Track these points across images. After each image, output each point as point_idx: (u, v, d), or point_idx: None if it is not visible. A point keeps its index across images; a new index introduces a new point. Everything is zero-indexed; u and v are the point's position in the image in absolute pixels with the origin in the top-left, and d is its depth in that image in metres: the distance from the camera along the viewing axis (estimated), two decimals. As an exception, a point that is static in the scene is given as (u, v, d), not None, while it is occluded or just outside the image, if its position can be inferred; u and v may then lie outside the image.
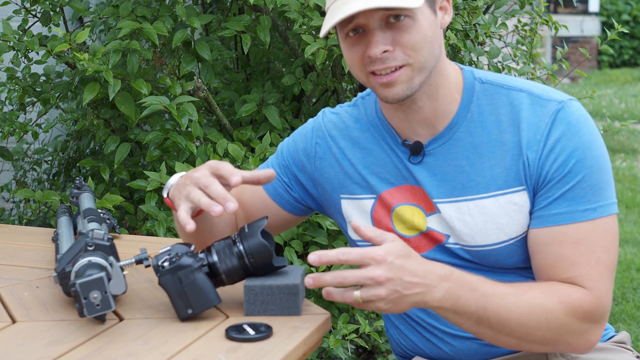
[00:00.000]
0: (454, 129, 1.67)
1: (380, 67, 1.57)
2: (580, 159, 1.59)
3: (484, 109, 1.66)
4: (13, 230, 2.39)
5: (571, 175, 1.59)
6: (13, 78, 2.88)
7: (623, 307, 3.99)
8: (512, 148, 1.63)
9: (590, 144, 1.61)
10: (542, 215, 1.61)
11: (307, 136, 1.82)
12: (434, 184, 1.68)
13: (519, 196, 1.63)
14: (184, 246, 1.53)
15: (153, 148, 2.79)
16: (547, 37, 10.98)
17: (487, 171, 1.64)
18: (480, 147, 1.65)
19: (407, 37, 1.56)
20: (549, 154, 1.60)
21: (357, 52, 1.59)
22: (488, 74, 1.71)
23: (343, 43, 1.63)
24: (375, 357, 3.16)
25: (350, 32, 1.59)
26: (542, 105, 1.63)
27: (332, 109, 1.84)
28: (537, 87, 1.67)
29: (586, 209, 1.58)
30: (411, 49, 1.56)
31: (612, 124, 3.27)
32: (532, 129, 1.62)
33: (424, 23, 1.57)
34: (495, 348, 1.71)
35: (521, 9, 3.33)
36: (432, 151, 1.68)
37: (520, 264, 1.68)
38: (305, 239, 2.77)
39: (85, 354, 1.37)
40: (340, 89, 3.03)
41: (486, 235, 1.65)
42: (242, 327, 1.44)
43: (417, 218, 1.70)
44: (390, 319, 1.84)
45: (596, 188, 1.59)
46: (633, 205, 5.84)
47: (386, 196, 1.72)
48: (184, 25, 2.87)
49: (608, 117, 4.96)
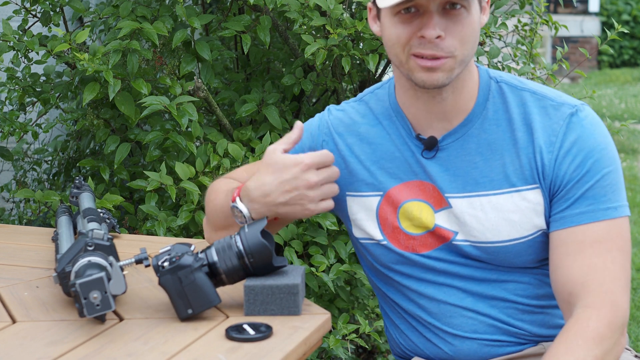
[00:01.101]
0: (468, 125, 1.67)
1: (428, 52, 1.57)
2: (599, 159, 1.61)
3: (498, 107, 1.68)
4: (13, 230, 2.39)
5: (591, 174, 1.60)
6: (13, 78, 2.88)
7: (623, 307, 3.99)
8: (525, 147, 1.64)
9: (606, 145, 1.63)
10: (564, 217, 1.61)
11: (314, 134, 1.81)
12: (447, 178, 1.68)
13: (532, 194, 1.64)
14: (184, 246, 1.53)
15: (153, 148, 2.79)
16: (547, 37, 10.98)
17: (500, 168, 1.65)
18: (494, 145, 1.66)
19: (460, 28, 1.57)
20: (566, 155, 1.61)
21: (407, 30, 1.58)
22: (502, 74, 1.73)
23: (390, 19, 1.60)
24: (375, 357, 3.16)
25: (403, 10, 1.58)
26: (556, 108, 1.65)
27: (337, 106, 1.84)
28: (550, 91, 1.69)
29: (608, 207, 1.60)
30: (459, 41, 1.57)
31: (612, 124, 3.26)
32: (546, 131, 1.63)
33: (475, 17, 1.59)
34: (495, 348, 1.72)
35: (521, 9, 3.33)
36: (446, 146, 1.68)
37: (528, 264, 1.69)
38: (305, 239, 2.77)
39: (85, 354, 1.37)
40: (340, 89, 3.03)
41: (497, 232, 1.65)
42: (242, 327, 1.44)
43: (425, 214, 1.70)
44: (390, 318, 1.84)
45: (615, 187, 1.61)
46: (633, 205, 5.84)
47: (394, 192, 1.72)
48: (184, 25, 2.87)
49: (608, 117, 4.96)
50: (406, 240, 1.72)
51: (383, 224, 1.74)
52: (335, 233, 2.82)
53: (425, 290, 1.74)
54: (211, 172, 2.74)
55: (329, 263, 2.72)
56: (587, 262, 1.58)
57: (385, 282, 1.80)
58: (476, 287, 1.71)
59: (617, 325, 1.55)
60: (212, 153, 2.76)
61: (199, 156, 2.76)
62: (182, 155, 2.80)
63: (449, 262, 1.71)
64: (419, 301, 1.75)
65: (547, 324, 1.72)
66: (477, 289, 1.71)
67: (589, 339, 1.51)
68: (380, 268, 1.78)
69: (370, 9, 1.70)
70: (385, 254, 1.75)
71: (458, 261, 1.70)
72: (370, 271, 1.84)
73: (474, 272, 1.70)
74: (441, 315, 1.73)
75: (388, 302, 1.83)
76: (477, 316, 1.71)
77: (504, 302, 1.71)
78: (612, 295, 1.56)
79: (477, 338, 1.71)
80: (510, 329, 1.72)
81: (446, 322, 1.73)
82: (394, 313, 1.82)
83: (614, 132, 3.24)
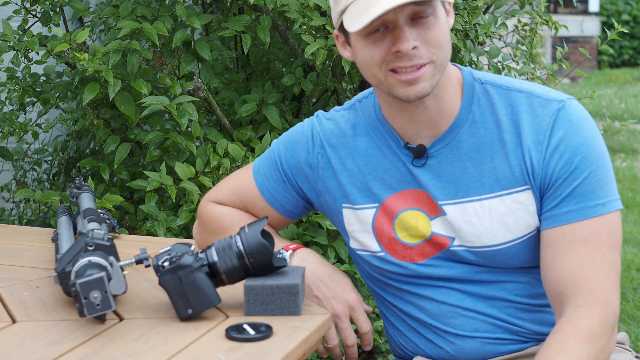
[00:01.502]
0: (456, 130, 1.66)
1: (407, 64, 1.56)
2: (586, 155, 1.60)
3: (484, 109, 1.66)
4: (13, 230, 2.39)
5: (578, 172, 1.60)
6: (13, 78, 2.88)
7: (623, 307, 3.99)
8: (514, 149, 1.63)
9: (594, 140, 1.62)
10: (553, 215, 1.61)
11: (309, 147, 1.78)
12: (438, 186, 1.67)
13: (523, 195, 1.63)
14: (184, 246, 1.53)
15: (153, 148, 2.79)
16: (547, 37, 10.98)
17: (491, 172, 1.64)
18: (483, 148, 1.65)
19: (432, 34, 1.56)
20: (553, 153, 1.60)
21: (380, 49, 1.57)
22: (487, 74, 1.71)
23: (361, 42, 1.60)
24: (375, 357, 3.15)
25: (371, 30, 1.57)
26: (543, 105, 1.63)
27: (326, 114, 1.81)
28: (536, 87, 1.67)
29: (596, 204, 1.59)
30: (434, 46, 1.56)
31: (612, 124, 3.27)
32: (533, 129, 1.62)
33: (442, 21, 1.59)
34: (497, 346, 1.71)
35: (521, 9, 3.33)
36: (435, 153, 1.67)
37: (525, 263, 1.68)
38: (305, 239, 2.77)
39: (85, 354, 1.37)
40: (340, 89, 3.03)
41: (492, 235, 1.65)
42: (242, 327, 1.44)
43: (422, 223, 1.70)
44: (389, 321, 1.84)
45: (603, 183, 1.60)
46: (633, 205, 5.84)
47: (389, 203, 1.71)
48: (184, 25, 2.87)
49: (608, 117, 4.96)
50: (403, 250, 1.72)
51: (380, 236, 1.73)
52: (335, 233, 2.82)
53: (424, 292, 1.74)
54: (211, 172, 2.75)
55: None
56: (577, 261, 1.58)
57: (383, 288, 1.80)
58: (475, 288, 1.71)
59: (608, 322, 1.55)
60: (212, 153, 2.76)
61: (199, 156, 2.76)
62: (182, 155, 2.80)
63: (447, 267, 1.71)
64: (419, 303, 1.75)
65: (547, 322, 1.72)
66: (475, 290, 1.71)
67: (581, 337, 1.52)
68: (378, 276, 1.78)
69: (337, 36, 1.68)
70: (383, 264, 1.74)
71: (456, 266, 1.70)
72: (368, 279, 1.83)
73: (472, 275, 1.70)
74: (441, 316, 1.73)
75: (387, 305, 1.83)
76: (478, 315, 1.71)
77: (503, 301, 1.71)
78: (602, 294, 1.56)
79: (478, 337, 1.71)
80: (511, 327, 1.71)
81: (446, 322, 1.72)
82: (393, 316, 1.82)
83: (614, 132, 3.24)
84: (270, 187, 1.81)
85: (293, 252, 1.75)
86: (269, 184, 1.82)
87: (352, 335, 1.74)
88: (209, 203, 1.88)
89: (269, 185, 1.82)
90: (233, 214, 1.84)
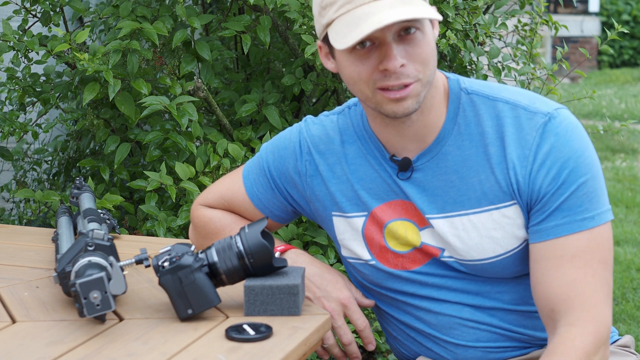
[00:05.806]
0: (441, 142, 1.63)
1: (394, 83, 1.52)
2: (574, 169, 1.56)
3: (470, 121, 1.63)
4: (13, 230, 2.39)
5: (566, 185, 1.56)
6: (13, 78, 2.88)
7: (623, 307, 3.99)
8: (498, 162, 1.59)
9: (582, 151, 1.57)
10: (541, 229, 1.58)
11: (297, 154, 1.76)
12: (425, 199, 1.65)
13: (511, 210, 1.60)
14: (184, 246, 1.53)
15: (153, 148, 2.79)
16: (547, 37, 10.97)
17: (477, 185, 1.61)
18: (469, 161, 1.62)
19: (419, 51, 1.52)
20: (540, 168, 1.57)
21: (366, 66, 1.53)
22: (474, 83, 1.67)
23: (346, 57, 1.55)
24: (375, 357, 3.16)
25: (358, 46, 1.53)
26: (529, 118, 1.59)
27: (315, 119, 1.78)
28: (523, 98, 1.62)
29: (584, 218, 1.56)
30: (421, 64, 1.53)
31: (612, 124, 3.26)
32: (519, 143, 1.58)
33: (430, 36, 1.55)
34: (500, 354, 1.70)
35: (521, 9, 3.33)
36: (421, 166, 1.65)
37: (516, 273, 1.66)
38: (305, 239, 2.77)
39: (85, 354, 1.37)
40: (340, 89, 3.03)
41: (482, 250, 1.62)
42: (242, 327, 1.44)
43: (411, 233, 1.68)
44: (388, 331, 1.82)
45: (592, 195, 1.56)
46: (633, 205, 5.83)
47: (378, 212, 1.69)
48: (184, 25, 2.87)
49: (608, 117, 4.97)
50: (395, 258, 1.70)
51: (370, 244, 1.71)
52: (335, 233, 2.82)
53: (420, 304, 1.72)
54: (211, 172, 2.75)
55: (329, 263, 2.71)
56: (568, 278, 1.54)
57: (379, 298, 1.78)
58: (472, 299, 1.68)
59: (602, 339, 1.53)
60: (212, 153, 2.76)
61: (199, 156, 2.76)
62: (182, 155, 2.81)
63: (440, 276, 1.68)
64: (416, 313, 1.73)
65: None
66: (473, 302, 1.68)
67: (576, 359, 1.49)
68: (371, 286, 1.76)
69: (320, 47, 1.64)
70: (375, 273, 1.72)
71: (449, 275, 1.68)
72: (362, 289, 1.80)
73: (467, 285, 1.68)
74: (440, 326, 1.70)
75: (384, 316, 1.81)
76: (479, 325, 1.69)
77: (502, 311, 1.68)
78: (594, 310, 1.53)
79: (480, 347, 1.69)
80: (513, 335, 1.69)
81: (446, 332, 1.70)
82: (390, 326, 1.80)
83: (614, 132, 3.24)
84: (259, 193, 1.81)
85: (282, 253, 1.75)
86: (258, 190, 1.81)
87: (347, 333, 1.72)
88: (200, 207, 1.89)
89: (257, 191, 1.81)
90: (223, 218, 1.84)
